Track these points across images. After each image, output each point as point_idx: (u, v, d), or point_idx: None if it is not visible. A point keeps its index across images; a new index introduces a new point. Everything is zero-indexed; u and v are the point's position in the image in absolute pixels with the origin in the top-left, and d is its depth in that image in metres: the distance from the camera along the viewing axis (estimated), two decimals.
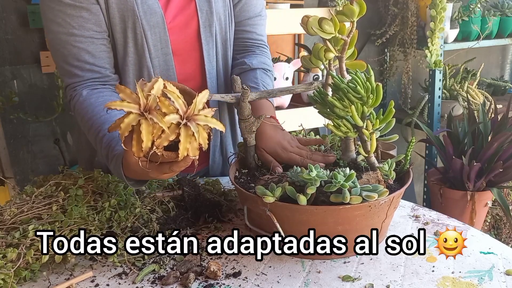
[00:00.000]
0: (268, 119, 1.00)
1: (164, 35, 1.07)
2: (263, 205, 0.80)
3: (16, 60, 2.04)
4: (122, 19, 1.03)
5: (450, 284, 0.74)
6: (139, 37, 1.04)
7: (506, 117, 2.25)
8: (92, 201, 0.91)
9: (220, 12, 1.13)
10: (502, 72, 3.50)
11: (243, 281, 0.77)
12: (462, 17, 2.54)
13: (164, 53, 1.08)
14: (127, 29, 1.04)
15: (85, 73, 1.03)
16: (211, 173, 1.24)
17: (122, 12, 1.02)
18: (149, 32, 1.05)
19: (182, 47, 1.11)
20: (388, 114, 0.82)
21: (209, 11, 1.11)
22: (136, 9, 1.02)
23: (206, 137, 0.73)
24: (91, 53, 1.02)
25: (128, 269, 0.81)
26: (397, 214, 0.98)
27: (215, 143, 1.22)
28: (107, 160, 0.92)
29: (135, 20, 1.03)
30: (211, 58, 1.14)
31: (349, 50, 0.87)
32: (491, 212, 2.37)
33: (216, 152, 1.23)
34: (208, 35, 1.12)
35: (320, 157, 0.94)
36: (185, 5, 1.10)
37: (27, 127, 2.11)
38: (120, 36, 1.05)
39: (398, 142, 2.27)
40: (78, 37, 1.00)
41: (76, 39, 1.00)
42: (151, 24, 1.05)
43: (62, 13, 0.98)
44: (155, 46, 1.07)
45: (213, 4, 1.11)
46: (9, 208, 0.87)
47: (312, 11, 2.19)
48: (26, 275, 0.77)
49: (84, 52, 1.02)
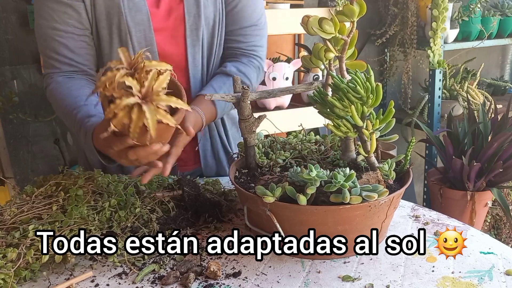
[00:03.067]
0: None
1: (149, 32, 1.08)
2: (263, 205, 0.80)
3: (16, 60, 2.04)
4: (108, 15, 1.05)
5: (450, 284, 0.74)
6: (123, 33, 1.06)
7: (506, 117, 2.25)
8: (92, 201, 0.91)
9: (210, 17, 1.13)
10: (502, 72, 3.50)
11: (243, 281, 0.77)
12: (462, 17, 2.54)
13: (149, 51, 1.08)
14: (112, 25, 1.06)
15: (62, 66, 1.08)
16: (205, 175, 1.25)
17: (108, 8, 1.05)
18: (134, 29, 1.06)
19: (167, 49, 1.12)
20: (388, 114, 0.82)
21: (197, 14, 1.10)
22: (121, 5, 1.04)
23: (167, 116, 0.74)
24: (70, 48, 1.07)
25: (128, 269, 0.81)
26: (397, 214, 0.98)
27: (205, 147, 1.23)
28: (79, 134, 0.98)
29: (120, 16, 1.05)
30: (196, 62, 1.14)
31: (349, 50, 0.87)
32: (491, 212, 2.37)
33: (208, 156, 1.24)
34: (194, 39, 1.12)
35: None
36: (174, 7, 1.10)
37: (27, 127, 2.11)
38: (106, 33, 1.07)
39: (398, 142, 2.28)
40: (60, 31, 1.05)
41: (58, 33, 1.05)
42: (135, 21, 1.06)
43: (48, 7, 1.04)
44: (139, 43, 1.08)
45: (202, 8, 1.10)
46: (9, 208, 0.88)
47: (312, 11, 2.19)
48: (26, 275, 0.77)
49: (63, 46, 1.06)
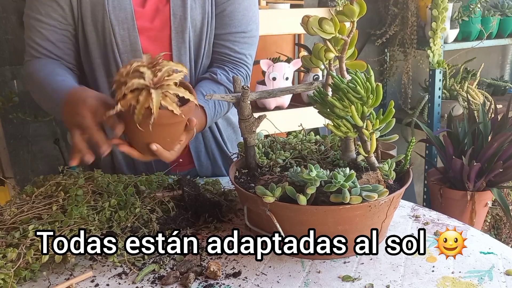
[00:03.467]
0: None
1: (133, 31, 1.08)
2: (263, 205, 0.80)
3: (16, 60, 2.04)
4: (93, 12, 1.07)
5: (450, 284, 0.74)
6: (107, 31, 1.07)
7: (506, 117, 2.25)
8: (92, 201, 0.91)
9: (197, 19, 1.12)
10: (502, 72, 3.50)
11: (243, 281, 0.77)
12: (462, 17, 2.54)
13: (133, 49, 1.10)
14: (97, 23, 1.07)
15: (41, 56, 1.09)
16: (200, 175, 1.25)
17: (93, 5, 1.06)
18: (117, 27, 1.07)
19: (152, 49, 1.11)
20: (388, 114, 0.82)
21: (183, 16, 1.10)
22: (105, 3, 1.05)
23: (173, 104, 0.78)
24: (50, 40, 1.08)
25: (128, 269, 0.81)
26: (397, 214, 0.98)
27: (197, 148, 1.23)
28: (52, 101, 0.97)
29: (104, 14, 1.06)
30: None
31: (349, 50, 0.87)
32: (491, 212, 2.37)
33: (202, 157, 1.24)
34: (180, 41, 1.11)
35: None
36: (160, 8, 1.10)
37: (27, 127, 2.11)
38: (91, 29, 1.08)
39: (398, 142, 2.28)
40: (43, 23, 1.07)
41: (41, 25, 1.07)
42: (119, 20, 1.07)
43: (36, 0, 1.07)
44: (123, 42, 1.09)
45: (188, 10, 1.09)
46: (9, 208, 0.88)
47: (312, 11, 2.19)
48: (26, 275, 0.77)
49: (44, 37, 1.08)
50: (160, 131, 0.81)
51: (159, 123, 0.77)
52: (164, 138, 0.84)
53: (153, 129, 0.77)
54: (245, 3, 1.15)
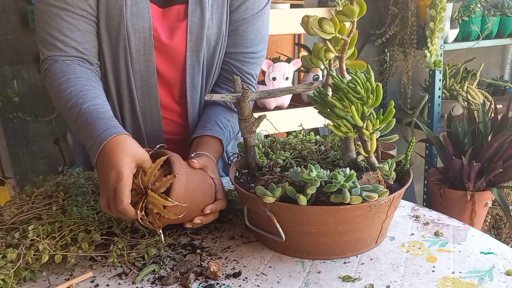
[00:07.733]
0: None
1: (149, 41, 1.03)
2: (263, 205, 0.80)
3: (16, 60, 2.04)
4: (108, 15, 1.00)
5: (450, 284, 0.74)
6: (122, 38, 1.02)
7: (506, 117, 2.25)
8: (92, 201, 0.91)
9: (212, 38, 1.08)
10: (502, 72, 3.50)
11: (243, 281, 0.77)
12: (462, 17, 2.54)
13: (146, 60, 1.05)
14: (111, 28, 1.01)
15: (68, 49, 0.99)
16: None
17: (109, 8, 1.00)
18: (133, 36, 1.02)
19: (165, 67, 1.08)
20: (388, 114, 0.82)
21: (200, 36, 1.06)
22: (123, 9, 1.00)
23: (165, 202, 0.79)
24: (80, 30, 0.99)
25: (128, 269, 0.81)
26: (397, 214, 0.98)
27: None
28: (85, 134, 0.88)
29: (120, 20, 1.00)
30: (195, 83, 1.11)
31: (349, 50, 0.87)
32: (491, 212, 2.37)
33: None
34: (194, 60, 1.08)
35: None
36: (177, 25, 1.06)
37: (27, 127, 2.11)
38: (104, 32, 1.02)
39: (398, 142, 2.28)
40: (71, 12, 0.98)
41: (68, 14, 0.98)
42: (136, 28, 1.02)
43: None
44: (137, 51, 1.04)
45: (205, 30, 1.06)
46: (9, 208, 0.87)
47: (312, 11, 2.19)
48: (26, 275, 0.77)
49: (72, 27, 0.99)
50: (183, 209, 0.81)
51: (176, 212, 0.80)
52: (191, 208, 0.84)
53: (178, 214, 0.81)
54: (258, 23, 1.12)
